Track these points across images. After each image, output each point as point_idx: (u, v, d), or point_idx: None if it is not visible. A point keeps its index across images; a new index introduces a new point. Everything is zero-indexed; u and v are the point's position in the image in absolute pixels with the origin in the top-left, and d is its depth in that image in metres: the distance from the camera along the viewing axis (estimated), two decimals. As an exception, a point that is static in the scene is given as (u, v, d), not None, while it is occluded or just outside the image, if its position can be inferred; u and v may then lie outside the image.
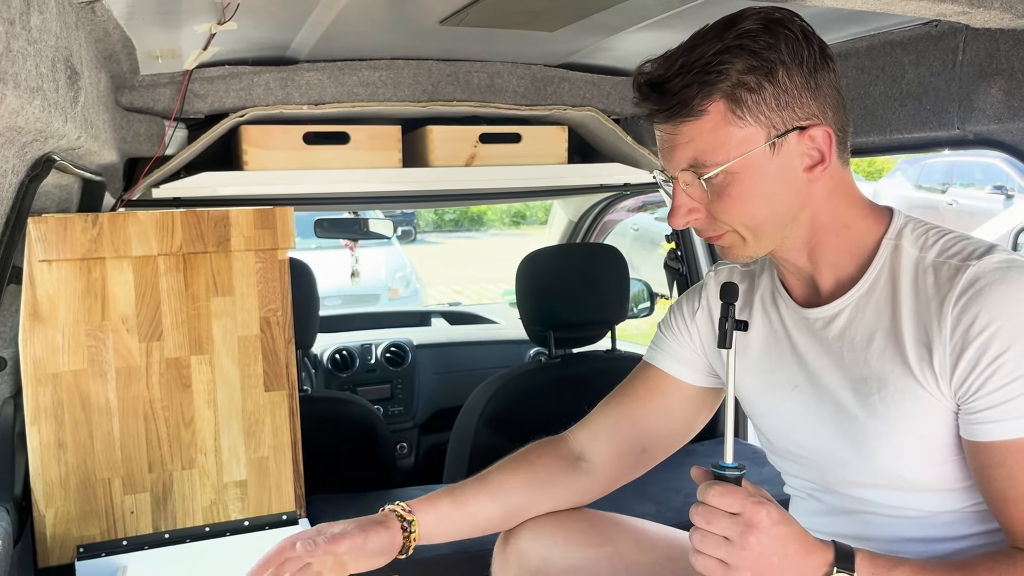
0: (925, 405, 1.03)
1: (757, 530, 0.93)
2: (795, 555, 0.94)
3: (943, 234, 1.08)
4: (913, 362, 1.03)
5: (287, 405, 1.74)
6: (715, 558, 0.95)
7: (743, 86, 1.02)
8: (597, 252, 2.68)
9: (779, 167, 1.05)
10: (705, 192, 1.07)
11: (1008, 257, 1.01)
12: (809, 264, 1.14)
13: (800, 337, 1.17)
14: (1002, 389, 0.96)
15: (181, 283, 1.64)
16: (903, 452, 1.06)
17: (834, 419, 1.12)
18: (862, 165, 15.63)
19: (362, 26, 1.65)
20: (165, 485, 1.66)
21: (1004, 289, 0.98)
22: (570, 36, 1.78)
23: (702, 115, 1.04)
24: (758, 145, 1.04)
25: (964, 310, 0.99)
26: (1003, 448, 0.97)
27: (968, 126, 1.49)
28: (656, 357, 1.36)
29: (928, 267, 1.05)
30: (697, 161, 1.05)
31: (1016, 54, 1.39)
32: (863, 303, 1.10)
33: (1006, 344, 0.96)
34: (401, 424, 2.97)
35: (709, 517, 0.95)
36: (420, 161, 2.07)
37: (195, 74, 1.76)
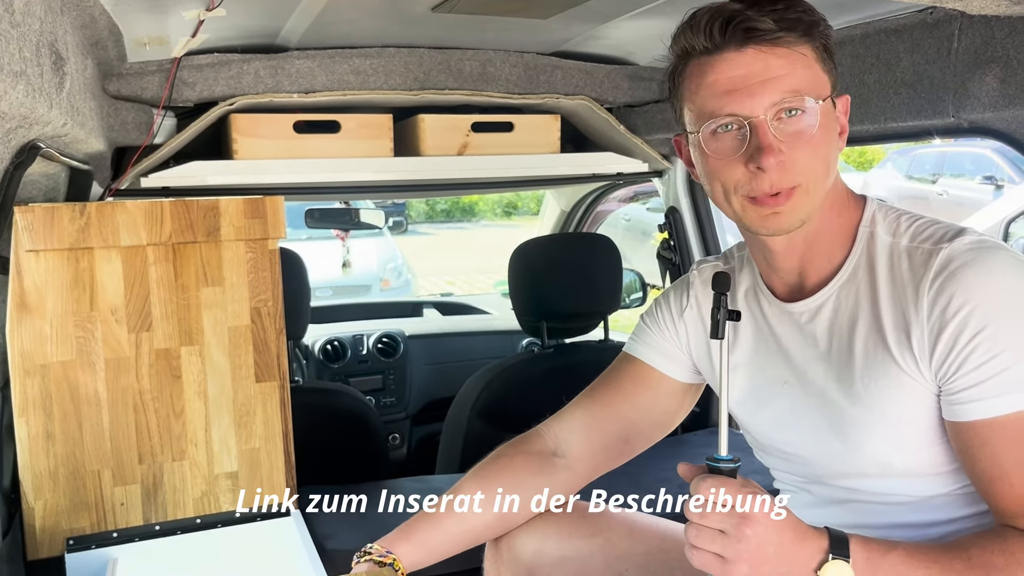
0: (908, 389, 1.04)
1: (752, 522, 0.93)
2: (790, 544, 0.95)
3: (914, 219, 1.09)
4: (893, 347, 1.04)
5: (278, 396, 1.73)
6: (711, 552, 0.95)
7: (828, 37, 1.06)
8: (590, 242, 2.67)
9: (833, 124, 1.08)
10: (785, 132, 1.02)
11: (978, 238, 1.02)
12: (805, 254, 1.13)
13: (784, 333, 1.17)
14: (980, 368, 0.97)
15: (171, 273, 1.62)
16: (889, 438, 1.06)
17: (821, 412, 1.12)
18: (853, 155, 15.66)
19: (353, 13, 1.63)
20: (155, 477, 1.65)
21: (977, 269, 0.99)
22: (563, 24, 1.77)
23: (808, 44, 1.04)
24: (828, 95, 1.06)
25: (939, 292, 1.00)
26: (986, 427, 0.98)
27: (963, 114, 1.48)
28: (641, 351, 1.35)
29: (902, 252, 1.06)
30: (796, 92, 1.02)
31: (1012, 41, 1.38)
32: (844, 292, 1.11)
33: (982, 323, 0.97)
34: (393, 415, 2.96)
35: (704, 511, 0.95)
36: (411, 150, 2.06)
37: (183, 62, 1.74)
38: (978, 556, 0.95)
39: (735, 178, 1.05)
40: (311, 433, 1.91)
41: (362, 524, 1.84)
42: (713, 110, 1.04)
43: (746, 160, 1.03)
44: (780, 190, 1.04)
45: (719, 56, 1.04)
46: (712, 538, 0.95)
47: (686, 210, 2.48)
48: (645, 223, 6.96)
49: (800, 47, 1.03)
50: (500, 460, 1.38)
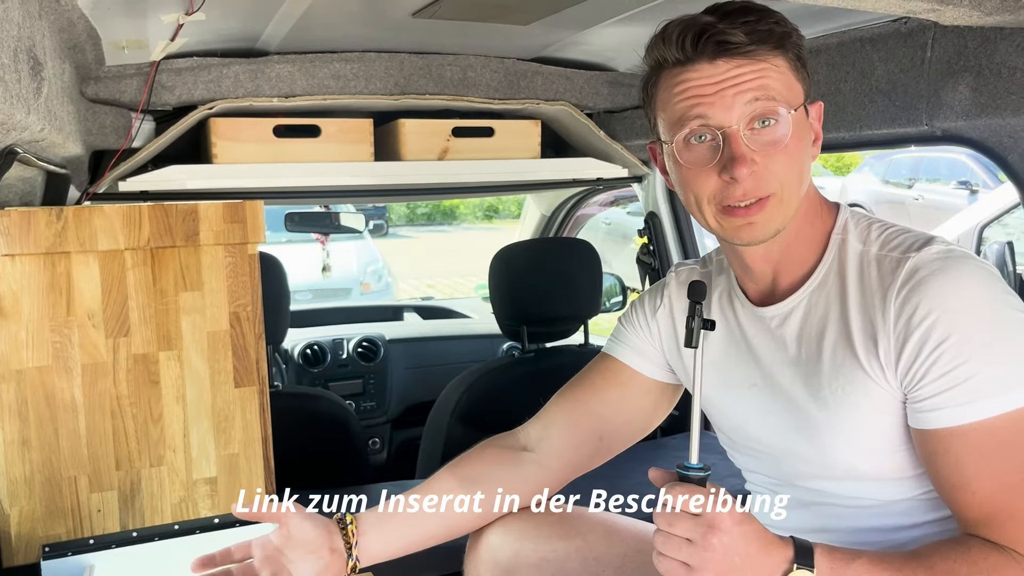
0: (874, 396, 1.05)
1: (719, 531, 0.93)
2: (756, 554, 0.95)
3: (884, 228, 1.11)
4: (861, 354, 1.05)
5: (257, 401, 1.72)
6: (677, 560, 0.96)
7: (801, 47, 1.07)
8: (570, 247, 2.68)
9: (806, 131, 1.09)
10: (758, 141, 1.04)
11: (946, 248, 1.03)
12: (780, 260, 1.14)
13: (755, 336, 1.19)
14: (944, 377, 0.98)
15: (149, 278, 1.61)
16: (855, 443, 1.07)
17: (790, 415, 1.14)
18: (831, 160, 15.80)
19: (333, 18, 1.63)
20: (133, 483, 1.64)
21: (943, 278, 1.00)
22: (543, 30, 1.78)
23: (780, 54, 1.05)
24: (801, 103, 1.07)
25: (906, 300, 1.01)
26: (948, 435, 0.99)
27: (936, 122, 1.50)
28: (615, 349, 1.37)
29: (872, 260, 1.07)
30: (771, 102, 1.03)
31: (984, 51, 1.41)
32: (814, 298, 1.12)
33: (946, 332, 0.98)
34: (373, 419, 2.96)
35: (671, 519, 0.96)
36: (392, 155, 2.06)
37: (163, 65, 1.73)
38: (940, 564, 0.96)
39: (709, 188, 1.06)
40: (290, 438, 1.90)
41: (342, 529, 1.84)
42: (686, 120, 1.05)
43: (719, 170, 1.04)
44: (753, 200, 1.05)
45: (692, 67, 1.04)
46: (679, 546, 0.95)
47: (665, 215, 2.50)
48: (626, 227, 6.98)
49: (773, 58, 1.04)
50: (472, 453, 1.40)
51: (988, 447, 0.97)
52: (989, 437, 0.97)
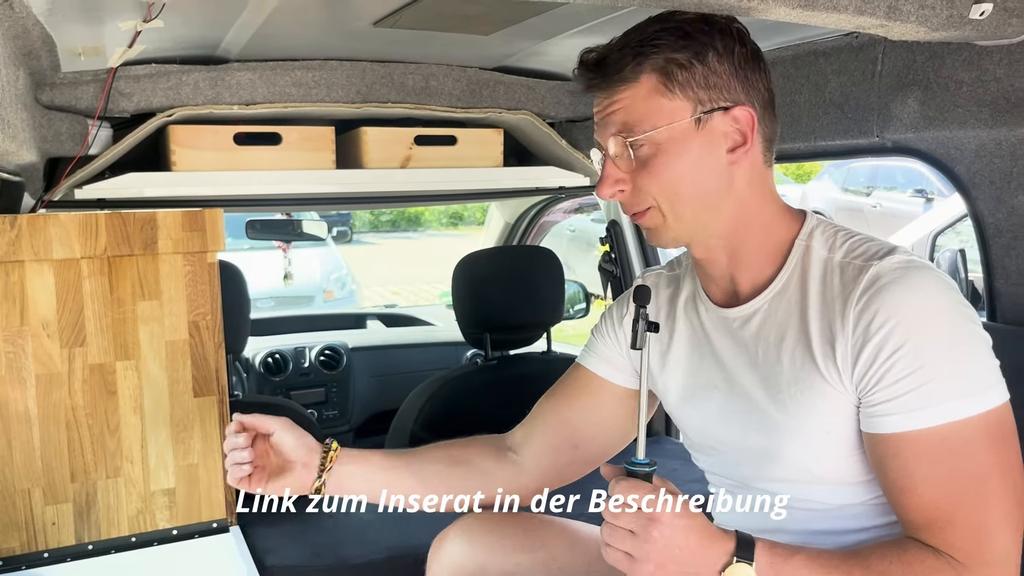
0: (830, 400, 1.07)
1: (659, 523, 0.97)
2: (697, 546, 0.99)
3: (850, 236, 1.13)
4: (819, 358, 1.08)
5: (217, 411, 1.71)
6: (621, 550, 1.00)
7: (674, 62, 1.09)
8: (532, 255, 2.69)
9: (702, 144, 1.11)
10: (631, 162, 1.12)
11: (907, 258, 1.06)
12: (730, 264, 1.18)
13: (719, 338, 1.21)
14: (898, 383, 1.01)
15: (106, 286, 1.59)
16: (810, 446, 1.10)
17: (749, 417, 1.16)
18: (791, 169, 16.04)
19: (294, 26, 1.63)
20: (89, 495, 1.61)
21: (902, 287, 1.03)
22: (505, 40, 1.79)
23: (634, 84, 1.10)
24: (684, 118, 1.10)
25: (865, 307, 1.04)
26: (898, 440, 1.02)
27: (887, 134, 1.54)
28: (586, 359, 1.41)
29: (835, 267, 1.10)
30: (627, 129, 1.11)
31: (931, 65, 1.45)
32: (776, 302, 1.14)
33: (902, 340, 1.01)
34: (336, 428, 2.94)
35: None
36: (354, 163, 2.05)
37: (120, 72, 1.71)
38: (876, 564, 0.99)
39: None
40: (251, 448, 1.88)
41: (303, 538, 1.83)
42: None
43: None
44: (635, 212, 1.16)
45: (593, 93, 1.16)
46: (623, 537, 0.99)
47: (626, 223, 2.52)
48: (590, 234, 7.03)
49: (635, 83, 1.11)
50: (465, 440, 1.46)
51: (935, 453, 1.00)
52: (937, 443, 1.00)
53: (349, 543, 1.82)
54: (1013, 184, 1.42)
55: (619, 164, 1.14)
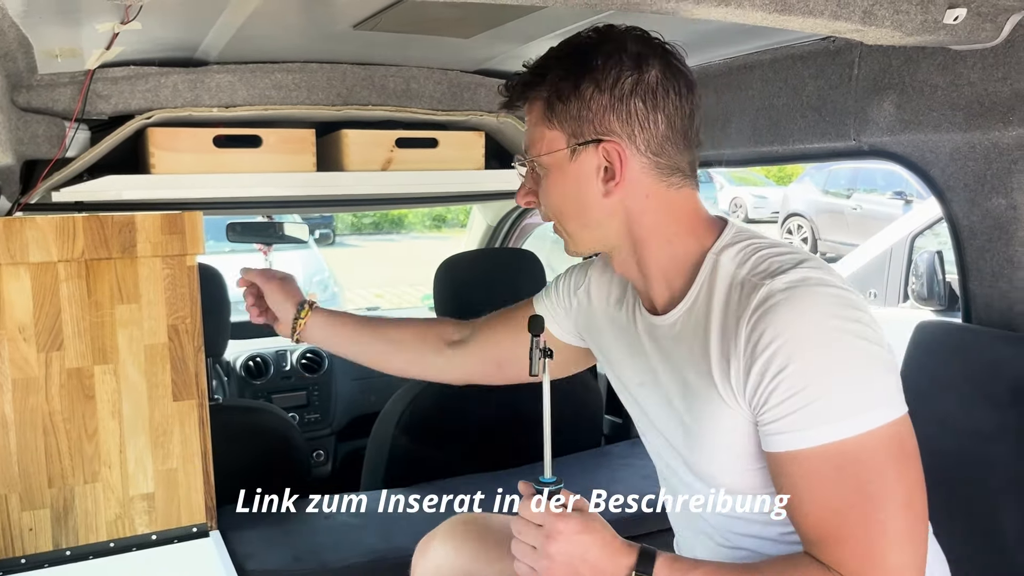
0: (729, 417, 1.09)
1: (556, 540, 1.04)
2: (596, 560, 1.04)
3: (759, 249, 1.12)
4: (717, 377, 1.09)
5: (197, 415, 1.70)
6: (526, 564, 1.07)
7: (556, 93, 1.14)
8: (514, 257, 2.70)
9: (576, 173, 1.15)
10: (535, 178, 1.21)
11: (801, 276, 1.05)
12: (642, 277, 1.21)
13: (646, 341, 1.24)
14: (783, 404, 1.01)
15: (83, 290, 1.58)
16: (716, 457, 1.13)
17: (671, 419, 1.19)
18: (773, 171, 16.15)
19: (274, 29, 1.63)
20: (66, 500, 1.60)
21: (788, 307, 1.03)
22: (485, 43, 1.79)
23: (528, 111, 1.19)
24: (561, 148, 1.15)
25: (754, 327, 1.04)
26: (788, 458, 1.03)
27: (863, 138, 1.56)
28: (539, 300, 1.50)
29: (738, 283, 1.10)
30: (527, 148, 1.21)
31: (907, 69, 1.47)
32: (687, 317, 1.16)
33: (786, 361, 1.01)
34: (318, 431, 2.93)
35: (519, 527, 1.07)
36: (335, 165, 2.05)
37: (98, 74, 1.70)
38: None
39: None
40: (231, 452, 1.88)
41: (284, 543, 1.82)
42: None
43: None
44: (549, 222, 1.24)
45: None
46: (527, 552, 1.06)
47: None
48: (572, 236, 7.02)
49: (530, 110, 1.18)
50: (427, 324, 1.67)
51: (822, 472, 1.00)
52: (823, 462, 1.00)
53: (331, 547, 1.81)
54: (987, 187, 1.44)
55: (528, 179, 1.23)
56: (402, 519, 1.92)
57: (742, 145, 1.81)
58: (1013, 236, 1.44)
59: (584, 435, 2.45)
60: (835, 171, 11.68)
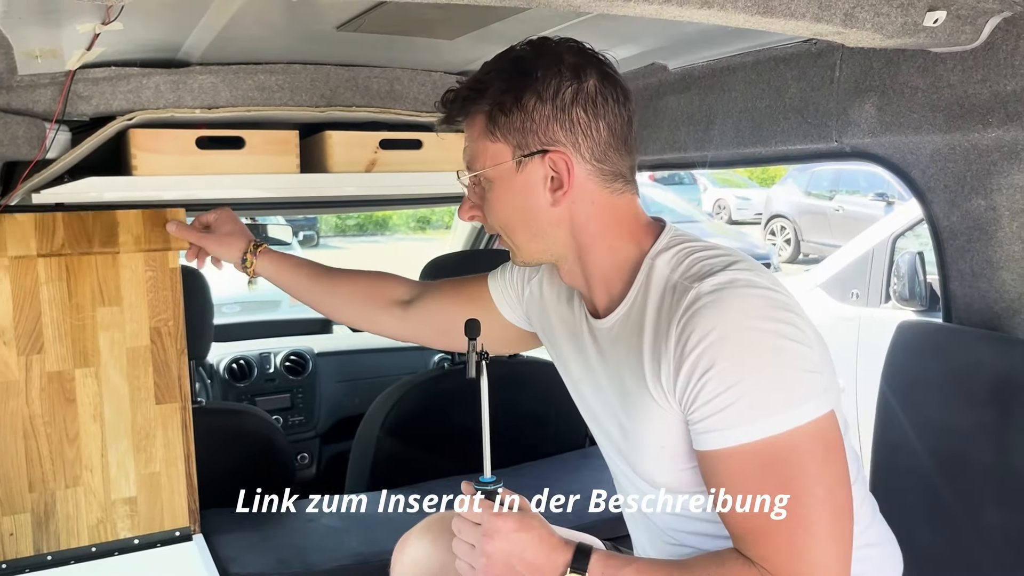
0: (661, 418, 1.11)
1: (492, 539, 1.07)
2: (534, 557, 1.07)
3: (693, 252, 1.14)
4: (649, 378, 1.11)
5: (179, 418, 1.69)
6: (466, 562, 1.11)
7: (498, 106, 1.14)
8: (498, 258, 2.69)
9: (523, 184, 1.16)
10: (478, 193, 1.22)
11: (728, 279, 1.07)
12: (585, 283, 1.23)
13: (589, 343, 1.26)
14: (709, 403, 1.03)
15: (64, 292, 1.57)
16: (651, 457, 1.15)
17: (611, 419, 1.22)
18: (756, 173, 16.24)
19: (257, 30, 1.62)
20: (47, 505, 1.58)
21: (713, 310, 1.05)
22: (469, 45, 1.79)
23: (468, 125, 1.19)
24: (506, 160, 1.16)
25: (683, 329, 1.06)
26: (715, 456, 1.05)
27: (845, 139, 1.57)
28: (493, 278, 1.50)
29: (671, 287, 1.12)
30: (469, 164, 1.21)
31: (888, 72, 1.48)
32: (624, 321, 1.18)
33: (711, 361, 1.03)
34: (302, 434, 2.92)
35: (459, 526, 1.12)
36: (319, 167, 2.04)
37: (79, 75, 1.69)
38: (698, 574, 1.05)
39: None
40: (215, 455, 1.87)
41: (267, 546, 1.81)
42: None
43: None
44: (492, 234, 1.25)
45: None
46: (467, 550, 1.10)
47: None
48: (557, 238, 7.03)
49: (470, 124, 1.18)
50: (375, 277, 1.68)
51: (747, 469, 1.02)
52: (749, 460, 1.02)
53: (314, 550, 1.81)
54: (967, 188, 1.46)
55: (471, 194, 1.23)
56: (386, 521, 1.91)
57: (725, 147, 1.82)
58: (992, 237, 1.45)
59: (568, 436, 2.45)
60: (818, 173, 11.76)
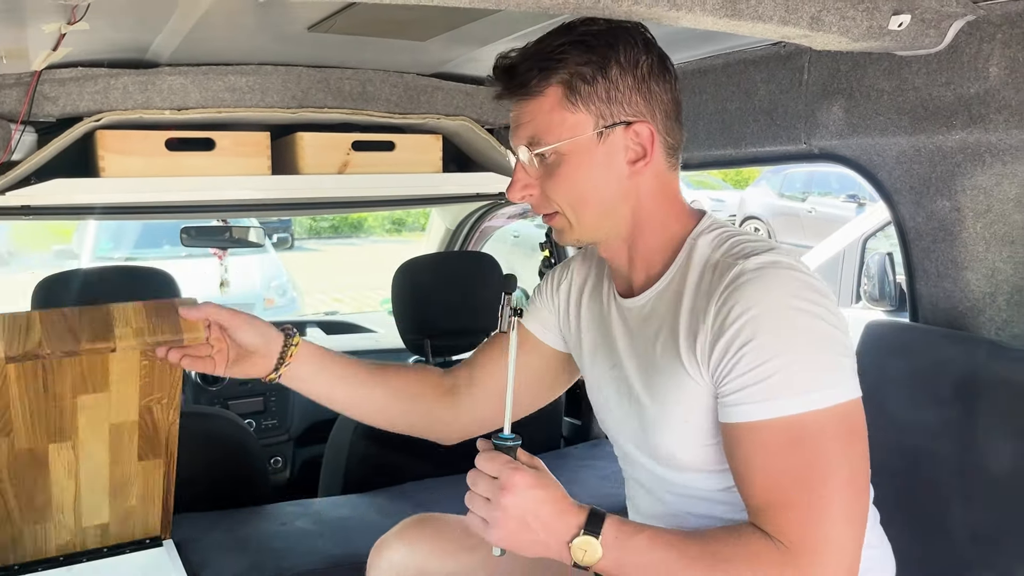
0: (690, 391, 1.12)
1: (510, 492, 1.05)
2: (548, 516, 1.06)
3: (733, 235, 1.18)
4: (683, 350, 1.12)
5: (163, 470, 1.59)
6: (478, 516, 1.08)
7: (578, 76, 1.13)
8: (472, 260, 2.70)
9: (604, 156, 1.16)
10: (538, 169, 1.18)
11: (772, 258, 1.10)
12: (630, 261, 1.24)
13: (616, 325, 1.27)
14: (745, 375, 1.05)
15: (38, 387, 1.33)
16: (674, 433, 1.16)
17: (631, 402, 1.22)
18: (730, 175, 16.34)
19: (226, 31, 1.61)
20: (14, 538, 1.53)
21: (758, 285, 1.07)
22: (442, 46, 1.79)
23: (540, 96, 1.15)
24: (587, 132, 1.14)
25: (724, 302, 1.08)
26: (743, 428, 1.06)
27: (814, 141, 1.59)
28: (526, 317, 1.46)
29: (712, 265, 1.15)
30: (534, 139, 1.16)
31: (854, 74, 1.50)
32: (661, 296, 1.20)
33: (751, 334, 1.05)
34: (275, 438, 2.89)
35: (475, 479, 1.09)
36: (291, 168, 2.03)
37: (45, 75, 1.67)
38: (712, 545, 1.05)
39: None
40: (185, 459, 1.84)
41: (239, 551, 1.79)
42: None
43: None
44: (542, 214, 1.22)
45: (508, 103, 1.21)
46: (480, 504, 1.08)
47: (566, 228, 2.53)
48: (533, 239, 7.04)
49: (541, 95, 1.15)
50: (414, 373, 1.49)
51: (776, 443, 1.04)
52: (779, 434, 1.04)
53: (288, 554, 1.79)
54: (932, 189, 1.48)
55: (528, 170, 1.19)
56: (360, 524, 1.91)
57: (696, 149, 1.83)
58: (957, 237, 1.47)
59: (543, 437, 2.46)
60: (791, 174, 11.85)
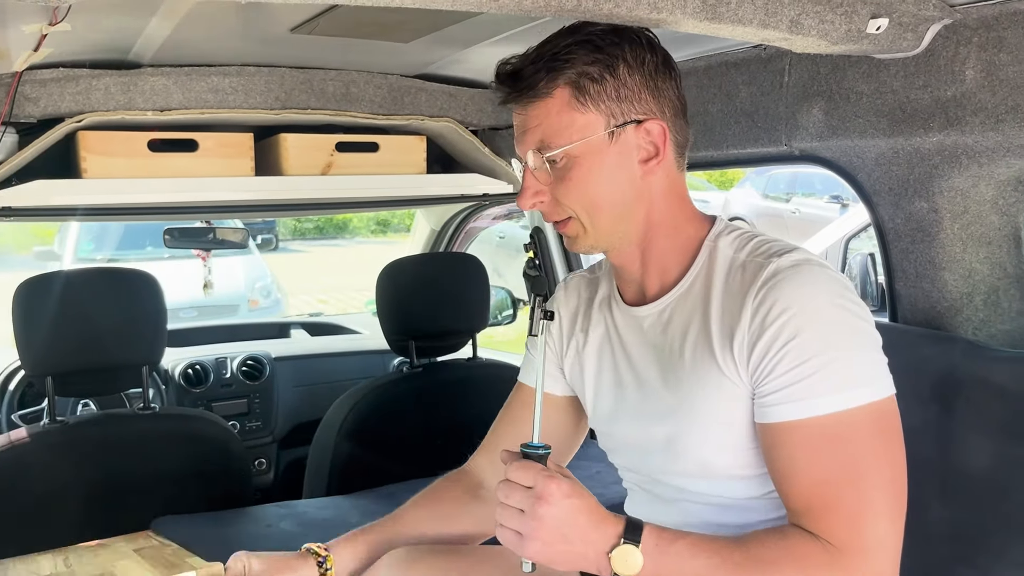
0: (726, 392, 1.11)
1: (547, 502, 1.01)
2: (585, 526, 1.02)
3: (754, 237, 1.18)
4: (718, 351, 1.11)
5: None
6: (511, 529, 1.03)
7: (587, 76, 1.12)
8: (457, 261, 2.70)
9: (616, 156, 1.14)
10: (549, 174, 1.15)
11: (805, 256, 1.11)
12: (641, 267, 1.22)
13: (628, 336, 1.25)
14: (788, 373, 1.05)
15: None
16: (708, 438, 1.14)
17: (654, 412, 1.20)
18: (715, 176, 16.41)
19: (209, 32, 1.60)
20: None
21: (797, 282, 1.07)
22: (425, 48, 1.79)
23: (548, 98, 1.13)
24: (598, 132, 1.13)
25: (762, 301, 1.08)
26: (784, 428, 1.06)
27: (794, 143, 1.60)
28: (524, 375, 1.43)
29: (739, 265, 1.14)
30: (543, 143, 1.14)
31: (834, 77, 1.51)
32: (682, 300, 1.18)
33: (794, 332, 1.05)
34: (259, 440, 2.88)
35: (507, 491, 1.04)
36: (274, 170, 2.02)
37: (26, 76, 1.66)
38: (755, 549, 1.03)
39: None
40: (169, 461, 1.85)
41: (223, 553, 1.79)
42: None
43: None
44: (555, 220, 1.19)
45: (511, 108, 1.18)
46: (513, 516, 1.03)
47: (550, 230, 2.55)
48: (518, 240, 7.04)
49: (549, 97, 1.13)
50: (437, 490, 1.45)
51: (818, 442, 1.04)
52: (820, 432, 1.04)
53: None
54: (910, 191, 1.49)
55: (538, 176, 1.16)
56: (344, 526, 1.89)
57: (679, 150, 1.84)
58: (935, 238, 1.49)
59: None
60: (775, 175, 11.92)
